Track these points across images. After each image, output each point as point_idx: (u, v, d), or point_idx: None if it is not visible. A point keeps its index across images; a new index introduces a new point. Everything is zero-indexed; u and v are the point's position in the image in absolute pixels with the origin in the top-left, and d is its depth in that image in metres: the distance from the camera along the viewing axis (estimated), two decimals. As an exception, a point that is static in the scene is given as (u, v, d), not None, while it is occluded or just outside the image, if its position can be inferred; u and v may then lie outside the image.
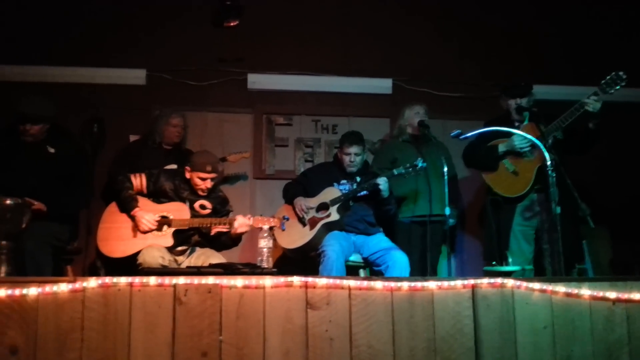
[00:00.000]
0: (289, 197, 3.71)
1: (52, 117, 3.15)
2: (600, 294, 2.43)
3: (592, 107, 3.24)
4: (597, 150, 3.55)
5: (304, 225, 3.58)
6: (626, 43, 4.91)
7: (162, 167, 3.60)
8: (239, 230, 3.14)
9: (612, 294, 2.43)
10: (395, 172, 3.58)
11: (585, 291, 2.42)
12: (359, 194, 3.61)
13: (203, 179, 3.16)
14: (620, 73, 3.20)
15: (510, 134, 3.44)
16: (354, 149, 3.66)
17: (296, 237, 3.57)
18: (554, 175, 2.92)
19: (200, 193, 3.21)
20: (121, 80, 4.62)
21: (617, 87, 3.22)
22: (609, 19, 4.96)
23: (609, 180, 4.59)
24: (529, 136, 3.22)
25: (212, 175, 3.17)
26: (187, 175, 3.21)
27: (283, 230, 3.44)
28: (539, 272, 3.44)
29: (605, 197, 4.35)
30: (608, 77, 3.23)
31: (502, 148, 3.54)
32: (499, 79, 4.69)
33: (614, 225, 4.34)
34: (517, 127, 3.48)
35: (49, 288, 2.14)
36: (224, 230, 3.19)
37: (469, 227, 4.67)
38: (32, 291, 2.13)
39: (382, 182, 3.53)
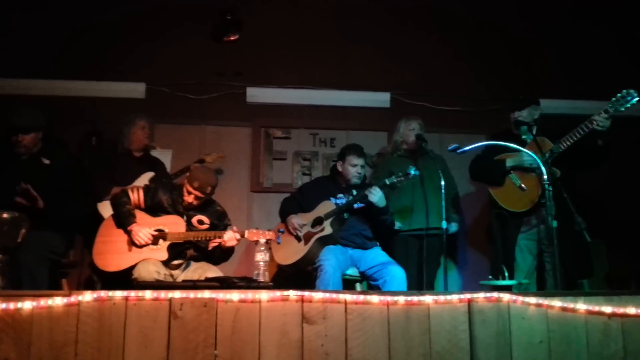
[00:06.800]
0: (283, 214, 3.72)
1: (43, 126, 3.16)
2: (596, 308, 2.43)
3: (602, 125, 3.20)
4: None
5: (299, 240, 3.59)
6: (628, 58, 4.92)
7: (160, 180, 3.61)
8: (228, 244, 3.13)
9: (607, 309, 2.43)
10: (387, 181, 3.56)
11: (581, 306, 2.43)
12: (354, 206, 3.59)
13: (188, 192, 3.16)
14: (632, 91, 3.16)
15: (516, 149, 3.33)
16: (361, 161, 3.67)
17: (291, 252, 3.57)
18: (551, 189, 2.92)
19: (186, 205, 3.20)
20: (120, 93, 4.65)
21: (628, 105, 3.17)
22: (613, 32, 4.96)
23: (606, 195, 4.58)
24: (528, 151, 3.18)
25: (197, 193, 3.14)
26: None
27: (279, 243, 3.45)
28: (542, 286, 3.42)
29: (601, 212, 4.34)
30: (619, 95, 3.18)
31: (509, 163, 3.47)
32: (497, 93, 4.72)
33: (610, 240, 4.34)
34: (523, 142, 3.38)
35: (43, 302, 2.15)
36: (218, 243, 3.18)
37: (475, 242, 4.65)
38: (27, 305, 2.14)
39: (373, 192, 3.49)
